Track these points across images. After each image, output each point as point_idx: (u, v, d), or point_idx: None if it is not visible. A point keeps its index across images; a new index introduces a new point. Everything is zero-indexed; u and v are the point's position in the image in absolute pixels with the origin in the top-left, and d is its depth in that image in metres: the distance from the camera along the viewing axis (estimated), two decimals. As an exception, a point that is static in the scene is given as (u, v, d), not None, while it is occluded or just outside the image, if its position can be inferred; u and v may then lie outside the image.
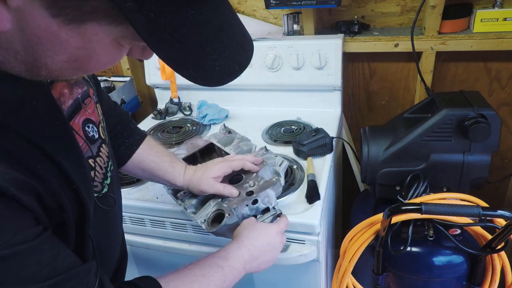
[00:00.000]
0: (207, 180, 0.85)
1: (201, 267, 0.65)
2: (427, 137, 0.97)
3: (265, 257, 0.76)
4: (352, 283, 1.03)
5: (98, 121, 0.63)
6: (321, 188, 1.02)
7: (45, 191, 0.45)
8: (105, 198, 0.61)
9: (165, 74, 1.53)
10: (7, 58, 0.42)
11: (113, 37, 0.42)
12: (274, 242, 0.78)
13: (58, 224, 0.48)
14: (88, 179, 0.55)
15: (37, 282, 0.43)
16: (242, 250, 0.72)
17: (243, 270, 0.71)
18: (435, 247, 0.96)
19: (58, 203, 0.47)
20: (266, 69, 1.43)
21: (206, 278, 0.63)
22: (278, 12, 1.49)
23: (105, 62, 0.45)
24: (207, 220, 0.84)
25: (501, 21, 1.24)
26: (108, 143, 0.67)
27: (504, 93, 1.40)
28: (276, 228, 0.80)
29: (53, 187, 0.46)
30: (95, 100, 0.64)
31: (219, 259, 0.68)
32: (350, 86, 1.55)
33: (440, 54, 1.35)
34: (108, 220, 0.65)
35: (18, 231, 0.41)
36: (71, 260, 0.48)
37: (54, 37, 0.40)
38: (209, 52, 0.43)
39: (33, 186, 0.43)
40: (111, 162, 0.66)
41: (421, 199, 0.91)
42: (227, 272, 0.67)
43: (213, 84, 0.46)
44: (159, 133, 1.43)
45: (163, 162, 0.88)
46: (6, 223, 0.40)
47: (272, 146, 1.26)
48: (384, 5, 1.39)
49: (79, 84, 0.60)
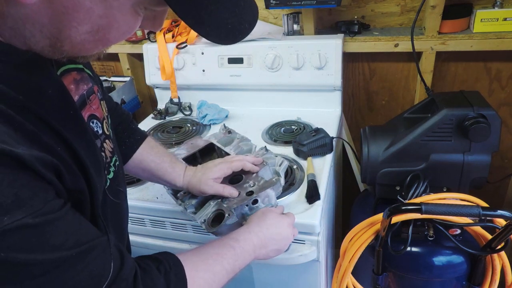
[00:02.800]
0: (207, 181, 0.85)
1: (215, 247, 0.69)
2: (427, 137, 0.97)
3: (275, 245, 0.79)
4: (352, 283, 1.03)
5: (103, 117, 0.64)
6: (321, 188, 1.02)
7: (65, 170, 0.47)
8: (113, 190, 0.64)
9: (165, 74, 1.53)
10: (33, 33, 0.44)
11: (132, 3, 0.45)
12: (284, 233, 0.80)
13: (74, 205, 0.50)
14: (100, 166, 0.57)
15: (65, 249, 0.44)
16: (252, 235, 0.75)
17: (253, 253, 0.74)
18: (435, 247, 0.96)
19: (76, 184, 0.49)
20: (266, 69, 1.43)
21: (219, 256, 0.67)
22: (278, 12, 1.49)
23: (124, 31, 0.48)
24: (207, 220, 0.84)
25: (501, 21, 1.24)
26: (113, 139, 0.69)
27: (504, 93, 1.40)
28: (288, 220, 0.83)
29: (71, 169, 0.48)
30: (100, 97, 0.65)
31: (231, 239, 0.72)
32: (350, 86, 1.55)
33: (440, 54, 1.35)
34: (116, 215, 0.67)
35: (46, 202, 0.43)
36: (92, 231, 0.50)
37: (79, 6, 0.42)
38: (222, 10, 0.46)
39: (55, 165, 0.45)
40: (115, 157, 0.67)
41: (421, 199, 0.91)
42: (238, 252, 0.70)
43: (228, 41, 0.49)
44: (159, 133, 1.43)
45: (163, 163, 0.89)
46: (36, 193, 0.42)
47: (272, 146, 1.26)
48: (384, 5, 1.39)
49: (85, 80, 0.61)
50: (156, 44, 1.53)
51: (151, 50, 1.55)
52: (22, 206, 0.40)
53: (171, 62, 1.52)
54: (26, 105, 0.44)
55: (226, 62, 1.47)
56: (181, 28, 1.55)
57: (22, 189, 0.41)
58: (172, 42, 1.52)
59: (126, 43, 1.65)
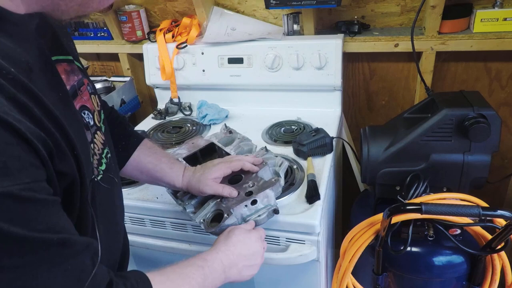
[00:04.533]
0: (206, 181, 0.85)
1: (183, 267, 0.67)
2: (427, 137, 0.97)
3: (245, 261, 0.76)
4: (352, 283, 1.03)
5: (94, 110, 0.64)
6: (321, 188, 1.02)
7: (55, 150, 0.45)
8: (106, 179, 0.63)
9: (165, 74, 1.53)
10: None
11: None
12: (253, 248, 0.78)
13: (65, 191, 0.49)
14: (89, 153, 0.56)
15: (48, 234, 0.43)
16: (220, 254, 0.73)
17: (223, 273, 0.72)
18: (435, 247, 0.96)
19: (66, 166, 0.48)
20: (266, 69, 1.43)
21: (187, 276, 0.65)
22: (278, 12, 1.49)
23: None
24: (206, 220, 0.84)
25: (501, 21, 1.24)
26: (105, 132, 0.68)
27: (504, 93, 1.40)
28: (256, 234, 0.80)
29: (61, 148, 0.47)
30: (90, 91, 0.65)
31: (199, 260, 0.70)
32: (350, 86, 1.55)
33: (440, 54, 1.35)
34: (108, 203, 0.66)
35: (35, 179, 0.42)
36: (76, 232, 0.49)
37: None
38: None
39: (46, 141, 0.44)
40: (107, 149, 0.67)
41: (421, 199, 0.91)
42: (207, 272, 0.68)
43: None
44: (159, 133, 1.43)
45: (161, 164, 0.88)
46: (26, 167, 0.41)
47: (272, 146, 1.26)
48: (384, 5, 1.39)
49: (75, 72, 0.61)
50: (156, 44, 1.53)
51: (151, 50, 1.55)
52: (9, 175, 0.39)
53: (171, 62, 1.52)
54: (17, 78, 0.43)
55: (226, 62, 1.47)
56: (181, 28, 1.55)
57: (12, 160, 0.39)
58: (172, 42, 1.52)
59: (126, 43, 1.65)
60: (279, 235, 0.96)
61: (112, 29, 1.64)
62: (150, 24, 1.65)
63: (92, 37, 1.72)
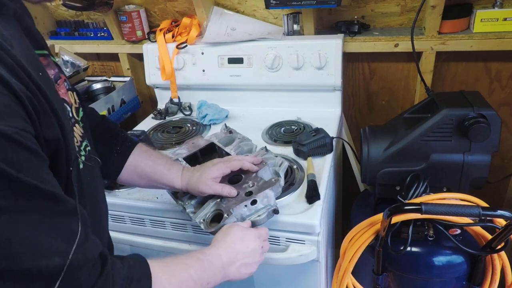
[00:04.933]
0: (206, 181, 0.85)
1: (182, 258, 0.68)
2: (427, 137, 0.97)
3: (244, 259, 0.76)
4: (352, 283, 1.03)
5: (71, 104, 0.64)
6: (321, 188, 1.02)
7: (41, 111, 0.45)
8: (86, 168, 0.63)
9: (165, 74, 1.53)
10: None
11: None
12: (251, 245, 0.78)
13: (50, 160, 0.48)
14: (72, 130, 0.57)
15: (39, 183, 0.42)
16: (219, 250, 0.73)
17: (222, 269, 0.72)
18: (435, 247, 0.96)
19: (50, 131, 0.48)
20: (266, 69, 1.43)
21: (187, 266, 0.66)
22: (278, 12, 1.49)
23: None
24: (205, 220, 0.84)
25: (501, 21, 1.24)
26: (84, 127, 0.68)
27: (504, 93, 1.40)
28: (255, 232, 0.80)
29: (46, 112, 0.47)
30: (67, 86, 0.65)
31: (198, 253, 0.71)
32: (350, 86, 1.55)
33: (440, 54, 1.35)
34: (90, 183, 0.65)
35: (25, 129, 0.42)
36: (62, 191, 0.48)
37: None
38: None
39: (32, 99, 0.44)
40: (86, 142, 0.66)
41: (421, 199, 0.90)
42: (206, 265, 0.69)
43: None
44: (159, 133, 1.43)
45: (158, 165, 0.88)
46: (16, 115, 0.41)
47: (272, 146, 1.26)
48: (384, 5, 1.39)
49: (51, 66, 0.62)
50: (156, 44, 1.53)
51: (151, 50, 1.55)
52: (2, 117, 0.39)
53: (171, 62, 1.52)
54: (2, 44, 0.44)
55: (226, 62, 1.47)
56: (181, 28, 1.55)
57: (2, 106, 0.40)
58: (172, 42, 1.52)
59: (126, 43, 1.65)
60: (279, 235, 0.96)
61: (112, 29, 1.64)
62: (150, 24, 1.65)
63: (92, 37, 1.72)
